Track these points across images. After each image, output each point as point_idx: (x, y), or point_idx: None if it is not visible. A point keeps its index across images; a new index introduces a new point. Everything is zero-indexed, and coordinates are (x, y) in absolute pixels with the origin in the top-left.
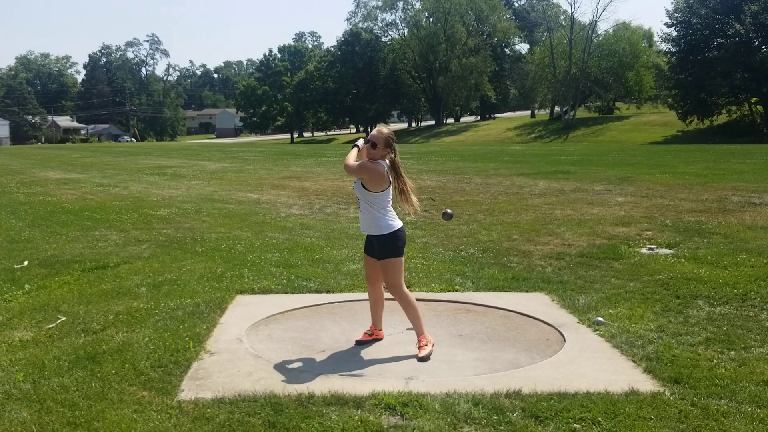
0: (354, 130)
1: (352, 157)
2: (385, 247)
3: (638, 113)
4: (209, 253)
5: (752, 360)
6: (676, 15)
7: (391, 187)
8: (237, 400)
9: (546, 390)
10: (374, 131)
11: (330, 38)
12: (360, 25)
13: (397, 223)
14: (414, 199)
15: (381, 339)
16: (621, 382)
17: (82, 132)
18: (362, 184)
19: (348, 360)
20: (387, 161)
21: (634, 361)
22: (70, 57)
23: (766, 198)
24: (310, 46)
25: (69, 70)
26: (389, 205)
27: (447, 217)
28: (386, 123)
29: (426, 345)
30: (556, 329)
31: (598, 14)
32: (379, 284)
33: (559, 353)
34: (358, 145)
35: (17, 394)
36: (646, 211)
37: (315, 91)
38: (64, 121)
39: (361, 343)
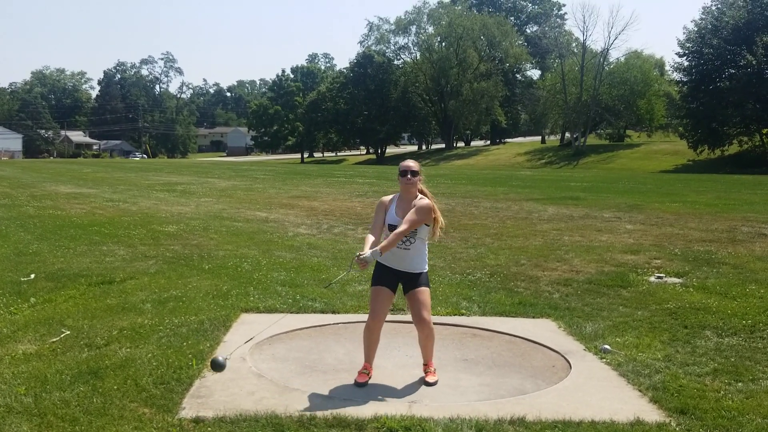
0: (364, 151)
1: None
2: (425, 277)
3: (649, 141)
4: (216, 271)
5: (760, 392)
6: (687, 45)
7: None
8: (238, 419)
9: (550, 418)
10: (411, 163)
11: (343, 60)
12: (373, 47)
13: None
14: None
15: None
16: (627, 411)
17: (94, 147)
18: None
19: (351, 382)
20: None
21: (640, 391)
22: (86, 73)
23: None
24: (322, 67)
25: (84, 86)
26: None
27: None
28: (396, 145)
29: (436, 371)
30: (563, 356)
31: (610, 42)
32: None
33: (564, 380)
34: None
35: (18, 407)
36: (655, 240)
37: (326, 111)
38: (77, 136)
39: (361, 385)
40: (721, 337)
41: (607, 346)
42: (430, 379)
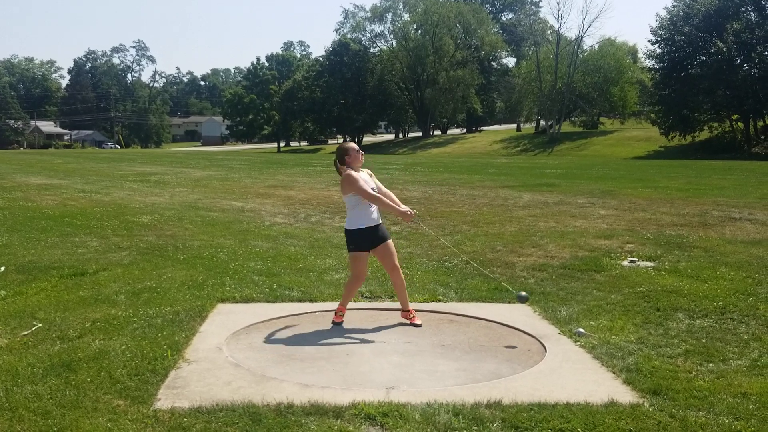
0: (341, 140)
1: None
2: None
3: (622, 128)
4: (191, 261)
5: (730, 372)
6: (660, 32)
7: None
8: (215, 409)
9: (526, 400)
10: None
11: (318, 48)
12: (348, 35)
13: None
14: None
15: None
16: (601, 393)
17: (66, 138)
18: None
19: (329, 369)
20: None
21: (614, 373)
22: (55, 62)
23: (746, 213)
24: (298, 55)
25: (53, 75)
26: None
27: (522, 299)
28: (373, 134)
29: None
30: (538, 340)
31: (584, 30)
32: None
33: (540, 364)
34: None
35: None
36: (628, 225)
37: (302, 100)
38: (47, 126)
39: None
40: (692, 319)
41: (581, 330)
42: (418, 321)
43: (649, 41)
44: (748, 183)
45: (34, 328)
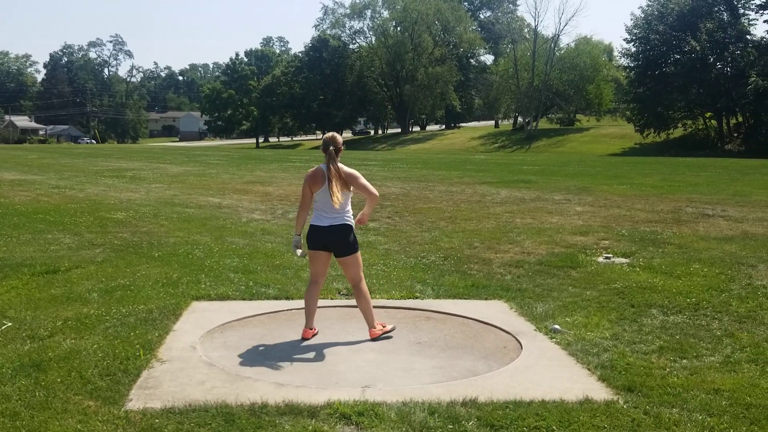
0: (320, 136)
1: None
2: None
3: (598, 125)
4: (166, 258)
5: (704, 368)
6: (635, 31)
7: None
8: (187, 410)
9: (502, 398)
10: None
11: (298, 44)
12: (328, 31)
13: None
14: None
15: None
16: (576, 390)
17: (41, 132)
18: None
19: (304, 368)
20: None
21: (589, 369)
22: (30, 56)
23: (719, 209)
24: (277, 51)
25: (29, 69)
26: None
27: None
28: (352, 130)
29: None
30: (514, 337)
31: (561, 28)
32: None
33: (516, 361)
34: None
35: None
36: (603, 221)
37: (282, 96)
38: (22, 121)
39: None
40: (666, 315)
41: (557, 326)
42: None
43: (624, 40)
44: (721, 180)
45: (3, 327)
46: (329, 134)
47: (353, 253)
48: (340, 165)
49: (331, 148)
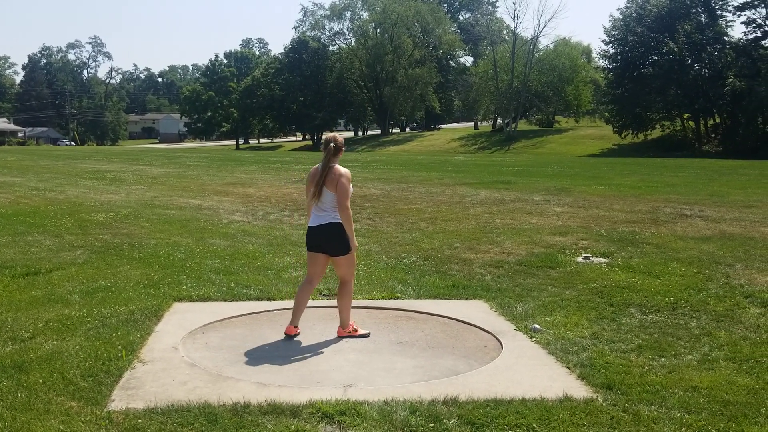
0: (300, 138)
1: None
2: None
3: (576, 127)
4: (147, 260)
5: (682, 367)
6: (613, 32)
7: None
8: (170, 410)
9: (483, 397)
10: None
11: (277, 45)
12: (308, 33)
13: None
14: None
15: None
16: (556, 388)
17: (20, 134)
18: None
19: (286, 368)
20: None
21: (568, 368)
22: (9, 57)
23: (697, 210)
24: (257, 52)
25: (7, 71)
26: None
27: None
28: (332, 131)
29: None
30: (494, 336)
31: (540, 30)
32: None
33: (496, 360)
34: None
35: None
36: (582, 221)
37: (261, 97)
38: (0, 123)
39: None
40: (645, 315)
41: (536, 326)
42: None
43: (602, 41)
44: (698, 180)
45: None
46: (332, 134)
47: (346, 253)
48: (336, 166)
49: (331, 145)
